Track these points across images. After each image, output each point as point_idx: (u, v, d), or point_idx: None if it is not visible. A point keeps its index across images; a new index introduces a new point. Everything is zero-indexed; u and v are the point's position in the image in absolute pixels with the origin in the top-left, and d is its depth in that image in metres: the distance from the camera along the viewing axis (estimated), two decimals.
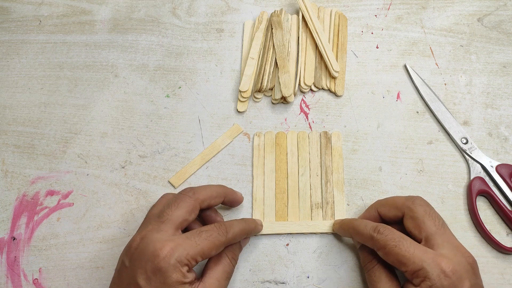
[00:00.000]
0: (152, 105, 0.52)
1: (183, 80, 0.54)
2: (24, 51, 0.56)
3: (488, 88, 0.52)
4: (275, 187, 0.48)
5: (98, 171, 0.49)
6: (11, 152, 0.51)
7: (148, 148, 0.50)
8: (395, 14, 0.56)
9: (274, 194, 0.47)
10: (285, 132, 0.50)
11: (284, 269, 0.45)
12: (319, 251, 0.46)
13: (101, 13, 0.58)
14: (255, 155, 0.49)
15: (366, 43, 0.55)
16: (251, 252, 0.46)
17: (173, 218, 0.38)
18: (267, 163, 0.49)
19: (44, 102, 0.53)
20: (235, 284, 0.45)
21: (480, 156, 0.48)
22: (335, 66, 0.51)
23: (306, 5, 0.54)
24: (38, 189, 0.49)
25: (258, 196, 0.47)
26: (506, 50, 0.54)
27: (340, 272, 0.45)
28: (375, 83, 0.53)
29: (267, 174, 0.48)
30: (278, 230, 0.46)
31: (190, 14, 0.57)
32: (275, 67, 0.52)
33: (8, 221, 0.48)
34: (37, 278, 0.45)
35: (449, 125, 0.50)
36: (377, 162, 0.49)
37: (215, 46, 0.55)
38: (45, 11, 0.58)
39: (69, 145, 0.51)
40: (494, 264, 0.45)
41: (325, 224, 0.46)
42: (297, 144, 0.49)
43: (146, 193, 0.48)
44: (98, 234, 0.47)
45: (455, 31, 0.55)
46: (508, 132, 0.50)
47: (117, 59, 0.55)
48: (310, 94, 0.53)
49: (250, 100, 0.52)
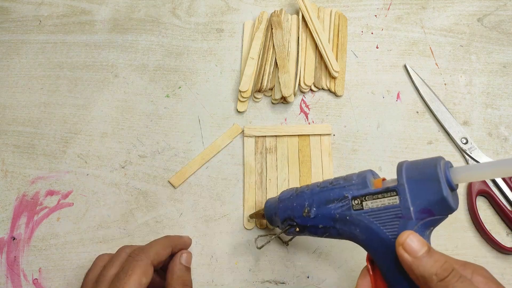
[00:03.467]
0: (152, 105, 0.52)
1: (183, 80, 0.54)
2: (24, 51, 0.56)
3: (488, 88, 0.52)
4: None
5: (98, 171, 0.49)
6: (11, 152, 0.51)
7: (148, 148, 0.50)
8: (395, 14, 0.56)
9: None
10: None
11: (284, 269, 0.45)
12: (319, 251, 0.46)
13: (101, 13, 0.58)
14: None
15: (366, 43, 0.55)
16: (251, 252, 0.46)
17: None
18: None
19: (44, 102, 0.53)
20: (235, 284, 0.45)
21: (480, 156, 0.48)
22: (335, 66, 0.51)
23: (306, 5, 0.54)
24: (38, 189, 0.49)
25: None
26: (506, 50, 0.54)
27: (340, 272, 0.45)
28: (375, 83, 0.53)
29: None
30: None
31: (190, 14, 0.57)
32: (275, 67, 0.52)
33: (8, 221, 0.48)
34: (37, 278, 0.45)
35: (449, 125, 0.50)
36: (377, 162, 0.49)
37: (215, 46, 0.55)
38: (45, 11, 0.58)
39: (69, 145, 0.51)
40: (494, 264, 0.45)
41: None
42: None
43: (146, 193, 0.48)
44: (98, 234, 0.47)
45: (455, 31, 0.55)
46: (508, 132, 0.50)
47: (117, 59, 0.55)
48: (310, 94, 0.53)
49: (250, 100, 0.52)
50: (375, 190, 0.33)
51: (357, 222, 0.33)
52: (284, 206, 0.39)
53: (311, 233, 0.38)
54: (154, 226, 0.47)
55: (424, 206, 0.31)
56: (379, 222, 0.32)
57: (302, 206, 0.37)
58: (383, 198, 0.32)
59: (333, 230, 0.36)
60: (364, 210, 0.33)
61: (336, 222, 0.35)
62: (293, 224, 0.38)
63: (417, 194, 0.31)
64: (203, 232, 0.47)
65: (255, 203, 0.47)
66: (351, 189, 0.34)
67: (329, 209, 0.35)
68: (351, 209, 0.34)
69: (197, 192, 0.48)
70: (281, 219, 0.39)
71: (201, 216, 0.47)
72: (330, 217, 0.35)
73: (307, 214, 0.37)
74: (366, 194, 0.33)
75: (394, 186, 0.32)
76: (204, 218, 0.47)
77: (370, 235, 0.33)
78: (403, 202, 0.31)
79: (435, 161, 0.31)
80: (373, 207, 0.33)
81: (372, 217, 0.33)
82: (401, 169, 0.32)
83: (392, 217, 0.32)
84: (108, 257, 0.40)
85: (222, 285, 0.45)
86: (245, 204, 0.47)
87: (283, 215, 0.39)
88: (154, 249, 0.39)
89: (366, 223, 0.33)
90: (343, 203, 0.34)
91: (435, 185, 0.30)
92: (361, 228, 0.33)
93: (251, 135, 0.50)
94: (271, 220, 0.41)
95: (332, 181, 0.37)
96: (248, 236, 0.46)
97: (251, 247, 0.46)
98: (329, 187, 0.36)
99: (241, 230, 0.47)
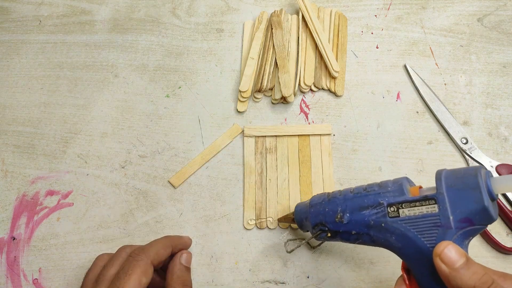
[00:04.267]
0: (152, 105, 0.52)
1: (183, 80, 0.54)
2: (24, 51, 0.56)
3: (488, 88, 0.52)
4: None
5: (98, 171, 0.49)
6: (11, 152, 0.51)
7: (148, 148, 0.50)
8: (395, 14, 0.56)
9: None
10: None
11: (284, 269, 0.45)
12: (319, 251, 0.46)
13: (101, 13, 0.58)
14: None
15: (366, 43, 0.55)
16: (251, 252, 0.46)
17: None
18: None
19: (44, 102, 0.53)
20: (235, 284, 0.45)
21: (480, 156, 0.48)
22: (335, 66, 0.51)
23: (306, 5, 0.54)
24: (38, 189, 0.49)
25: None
26: (506, 50, 0.54)
27: (340, 272, 0.45)
28: (375, 83, 0.53)
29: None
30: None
31: (190, 14, 0.57)
32: (275, 67, 0.52)
33: (8, 221, 0.47)
34: (37, 278, 0.45)
35: (449, 125, 0.50)
36: (377, 162, 0.49)
37: (215, 46, 0.55)
38: (45, 11, 0.58)
39: (69, 145, 0.51)
40: (494, 264, 0.45)
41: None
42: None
43: (146, 193, 0.48)
44: (98, 234, 0.47)
45: (455, 31, 0.55)
46: (508, 132, 0.50)
47: (117, 59, 0.55)
48: (310, 94, 0.53)
49: (250, 100, 0.52)
50: (413, 198, 0.33)
51: (393, 230, 0.33)
52: (315, 211, 0.39)
53: (343, 239, 0.38)
54: (154, 226, 0.47)
55: (465, 215, 0.30)
56: (417, 230, 0.32)
57: (335, 211, 0.37)
58: (421, 206, 0.32)
59: (367, 236, 0.35)
60: (400, 218, 0.33)
61: (370, 228, 0.35)
62: (324, 230, 0.38)
63: (457, 203, 0.31)
64: (203, 232, 0.47)
65: (255, 203, 0.47)
66: (386, 196, 0.34)
67: (363, 216, 0.35)
68: (386, 216, 0.34)
69: (197, 192, 0.48)
70: (312, 224, 0.39)
71: (201, 216, 0.47)
72: (364, 223, 0.35)
73: (340, 220, 0.36)
74: (403, 202, 0.33)
75: (433, 194, 0.32)
76: (204, 218, 0.47)
77: (406, 243, 0.33)
78: (442, 210, 0.31)
79: (476, 170, 0.31)
80: (410, 215, 0.32)
81: (409, 225, 0.32)
82: (440, 178, 0.32)
83: (431, 225, 0.31)
84: (108, 257, 0.40)
85: (222, 285, 0.45)
86: (245, 204, 0.47)
87: (314, 220, 0.39)
88: (154, 249, 0.39)
89: (402, 231, 0.33)
90: (378, 210, 0.34)
91: (476, 194, 0.30)
92: (397, 236, 0.33)
93: (251, 135, 0.50)
94: (301, 224, 0.41)
95: (366, 187, 0.37)
96: (248, 236, 0.46)
97: (251, 247, 0.46)
98: (363, 193, 0.36)
99: (241, 230, 0.47)
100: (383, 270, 0.45)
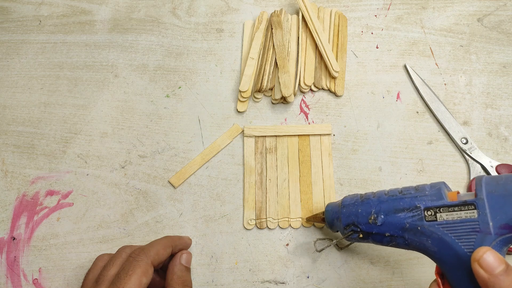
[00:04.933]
0: (152, 105, 0.52)
1: (183, 80, 0.54)
2: (24, 51, 0.56)
3: (488, 88, 0.52)
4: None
5: (98, 171, 0.49)
6: (11, 152, 0.51)
7: (148, 148, 0.50)
8: (395, 14, 0.56)
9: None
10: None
11: (284, 269, 0.45)
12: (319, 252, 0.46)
13: (101, 13, 0.58)
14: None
15: (366, 43, 0.55)
16: (251, 252, 0.46)
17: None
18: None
19: (44, 102, 0.53)
20: (235, 284, 0.45)
21: (480, 156, 0.48)
22: (335, 66, 0.51)
23: (306, 5, 0.54)
24: (38, 189, 0.49)
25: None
26: (506, 50, 0.54)
27: (340, 272, 0.45)
28: (375, 83, 0.53)
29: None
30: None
31: (190, 14, 0.57)
32: (275, 67, 0.52)
33: (8, 221, 0.48)
34: (37, 278, 0.45)
35: (449, 125, 0.50)
36: (377, 162, 0.49)
37: (215, 46, 0.55)
38: (45, 11, 0.58)
39: (69, 145, 0.51)
40: None
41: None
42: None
43: (146, 193, 0.48)
44: (98, 234, 0.47)
45: (455, 31, 0.55)
46: (508, 132, 0.50)
47: (117, 59, 0.55)
48: (310, 94, 0.53)
49: (250, 100, 0.52)
50: (451, 202, 0.33)
51: (429, 233, 0.33)
52: (347, 211, 0.39)
53: (375, 240, 0.38)
54: (154, 226, 0.47)
55: (505, 221, 0.30)
56: (454, 235, 0.32)
57: (368, 213, 0.37)
58: (459, 211, 0.32)
59: (401, 239, 0.35)
60: (437, 222, 0.33)
61: (405, 231, 0.35)
62: (356, 230, 0.38)
63: (498, 209, 0.31)
64: (203, 232, 0.47)
65: (255, 203, 0.47)
66: (423, 200, 0.34)
67: (399, 218, 0.35)
68: (423, 220, 0.34)
69: (197, 192, 0.48)
70: (344, 225, 0.39)
71: (201, 216, 0.47)
72: (399, 226, 0.35)
73: (374, 221, 0.36)
74: (441, 206, 0.33)
75: (473, 200, 0.32)
76: (204, 218, 0.47)
77: (442, 248, 0.33)
78: (482, 216, 0.31)
79: None
80: (448, 220, 0.32)
81: (446, 229, 0.32)
82: (481, 183, 0.32)
83: (469, 231, 0.31)
84: (108, 257, 0.40)
85: (222, 285, 0.45)
86: (245, 204, 0.47)
87: (346, 221, 0.39)
88: (154, 249, 0.39)
89: (439, 235, 0.33)
90: (415, 213, 0.34)
91: None
92: (433, 240, 0.33)
93: (251, 135, 0.50)
94: (332, 224, 0.41)
95: (402, 190, 0.36)
96: (248, 236, 0.46)
97: (251, 248, 0.46)
98: (399, 196, 0.36)
99: (241, 230, 0.47)
100: (383, 270, 0.45)
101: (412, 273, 0.44)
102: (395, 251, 0.45)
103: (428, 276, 0.44)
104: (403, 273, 0.44)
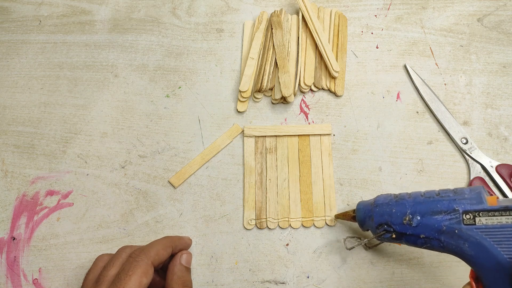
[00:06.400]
0: (152, 105, 0.52)
1: (183, 80, 0.54)
2: (24, 51, 0.56)
3: (488, 88, 0.52)
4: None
5: (98, 171, 0.49)
6: (11, 152, 0.51)
7: (148, 148, 0.50)
8: (395, 14, 0.56)
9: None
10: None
11: (284, 269, 0.45)
12: (319, 251, 0.46)
13: (101, 13, 0.58)
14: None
15: (366, 43, 0.55)
16: (251, 252, 0.46)
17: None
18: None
19: (44, 102, 0.53)
20: (235, 284, 0.45)
21: (480, 156, 0.48)
22: (335, 66, 0.51)
23: (306, 5, 0.54)
24: (38, 189, 0.49)
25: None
26: (506, 50, 0.54)
27: (340, 272, 0.45)
28: (375, 83, 0.53)
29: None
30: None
31: (190, 14, 0.57)
32: (275, 67, 0.52)
33: (8, 221, 0.48)
34: (37, 278, 0.45)
35: (449, 125, 0.50)
36: (377, 162, 0.49)
37: (215, 46, 0.55)
38: (45, 11, 0.58)
39: (69, 145, 0.51)
40: None
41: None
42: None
43: (146, 193, 0.48)
44: (98, 234, 0.47)
45: (455, 31, 0.55)
46: (508, 132, 0.50)
47: (117, 59, 0.55)
48: (310, 94, 0.53)
49: (250, 100, 0.52)
50: (492, 207, 0.33)
51: (467, 237, 0.33)
52: (380, 210, 0.39)
53: (408, 241, 0.37)
54: (154, 226, 0.47)
55: None
56: (494, 240, 0.32)
57: (403, 213, 0.37)
58: (500, 216, 0.32)
59: (436, 241, 0.35)
60: (476, 226, 0.33)
61: (442, 234, 0.35)
62: (389, 230, 0.38)
63: None
64: (203, 232, 0.47)
65: (255, 203, 0.47)
66: (462, 203, 0.34)
67: (435, 220, 0.35)
68: (461, 223, 0.33)
69: (197, 192, 0.48)
70: (376, 224, 0.39)
71: (201, 216, 0.47)
72: (436, 228, 0.35)
73: (408, 222, 0.36)
74: (481, 210, 0.33)
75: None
76: (204, 218, 0.47)
77: (480, 252, 0.32)
78: None
79: None
80: (488, 224, 0.32)
81: (485, 234, 0.32)
82: None
83: (509, 236, 0.31)
84: (108, 257, 0.40)
85: (222, 285, 0.45)
86: (245, 204, 0.47)
87: (378, 220, 0.39)
88: (155, 250, 0.39)
89: (477, 239, 0.32)
90: (452, 216, 0.34)
91: None
92: (471, 244, 0.33)
93: (251, 135, 0.50)
94: (363, 222, 0.41)
95: (439, 192, 0.36)
96: (248, 236, 0.46)
97: (251, 248, 0.46)
98: (436, 198, 0.36)
99: (241, 230, 0.47)
100: (383, 270, 0.45)
101: (412, 274, 0.44)
102: (395, 251, 0.45)
103: (428, 276, 0.44)
104: (403, 273, 0.44)
